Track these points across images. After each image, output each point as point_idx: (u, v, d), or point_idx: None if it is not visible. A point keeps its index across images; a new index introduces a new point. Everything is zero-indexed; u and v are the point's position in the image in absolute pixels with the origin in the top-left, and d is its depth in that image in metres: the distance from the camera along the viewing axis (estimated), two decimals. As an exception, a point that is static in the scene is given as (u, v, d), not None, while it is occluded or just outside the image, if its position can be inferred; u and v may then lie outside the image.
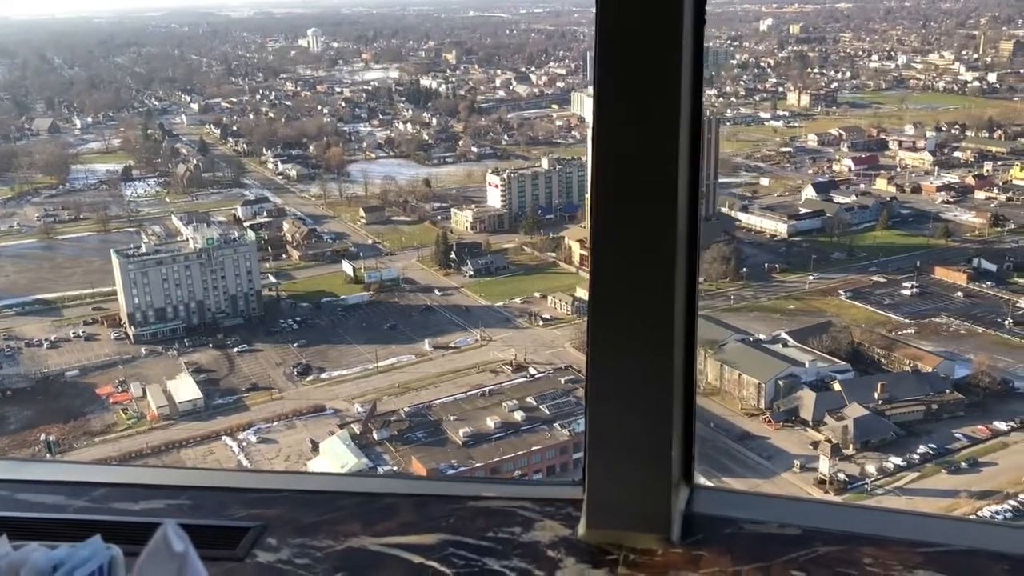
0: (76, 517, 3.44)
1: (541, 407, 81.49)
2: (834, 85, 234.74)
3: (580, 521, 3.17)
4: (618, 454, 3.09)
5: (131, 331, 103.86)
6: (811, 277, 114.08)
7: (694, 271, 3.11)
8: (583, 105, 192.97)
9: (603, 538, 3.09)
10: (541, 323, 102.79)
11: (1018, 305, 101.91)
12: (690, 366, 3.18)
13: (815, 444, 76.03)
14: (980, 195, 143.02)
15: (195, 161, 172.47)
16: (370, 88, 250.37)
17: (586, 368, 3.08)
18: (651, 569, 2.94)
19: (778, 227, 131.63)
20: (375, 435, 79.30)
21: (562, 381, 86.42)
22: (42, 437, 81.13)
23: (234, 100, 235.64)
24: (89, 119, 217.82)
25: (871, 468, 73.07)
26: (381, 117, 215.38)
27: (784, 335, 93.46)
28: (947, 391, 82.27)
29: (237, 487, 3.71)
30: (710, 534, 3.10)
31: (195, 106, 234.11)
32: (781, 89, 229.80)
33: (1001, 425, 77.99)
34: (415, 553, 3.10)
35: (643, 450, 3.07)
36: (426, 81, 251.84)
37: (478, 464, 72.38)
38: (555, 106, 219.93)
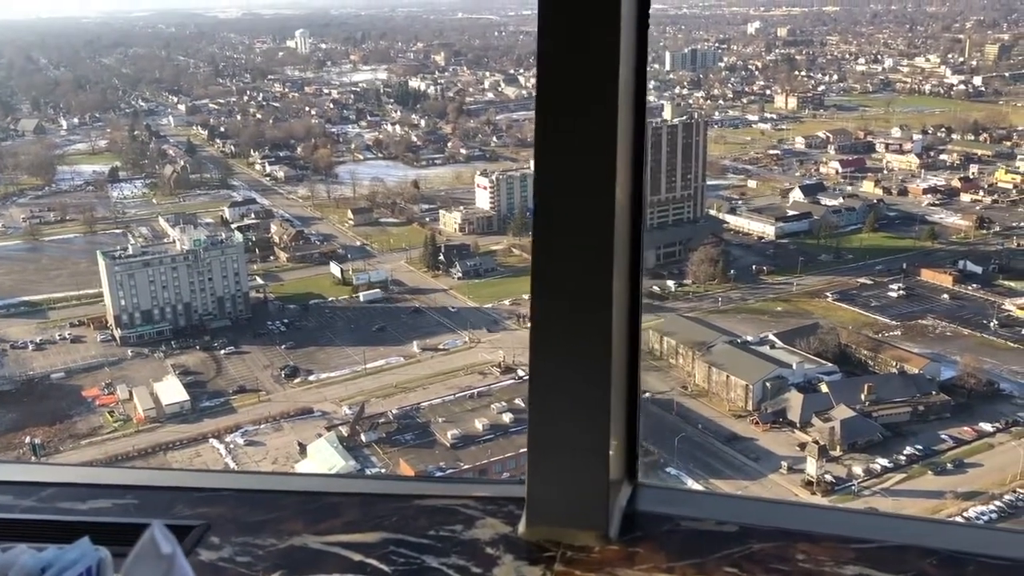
0: (23, 517, 3.43)
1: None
2: (821, 88, 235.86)
3: (521, 519, 3.22)
4: (557, 453, 3.16)
5: (117, 333, 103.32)
6: (769, 277, 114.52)
7: (637, 273, 3.17)
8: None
9: (543, 535, 3.13)
10: (530, 325, 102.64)
11: (1003, 307, 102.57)
12: (633, 365, 3.24)
13: (802, 445, 76.26)
14: (966, 197, 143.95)
15: (182, 162, 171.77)
16: (358, 90, 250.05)
17: (528, 368, 3.14)
18: (587, 566, 2.98)
19: (766, 229, 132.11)
20: (363, 437, 79.15)
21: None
22: (27, 440, 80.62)
23: (222, 101, 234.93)
24: (75, 120, 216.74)
25: (858, 469, 73.35)
26: (369, 119, 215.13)
27: (772, 337, 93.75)
28: (933, 392, 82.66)
29: (184, 486, 3.71)
30: (649, 531, 3.14)
31: (182, 107, 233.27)
32: (769, 92, 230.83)
33: (986, 426, 78.45)
34: (355, 551, 3.12)
35: (581, 448, 3.11)
36: (415, 83, 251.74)
37: (466, 466, 72.36)
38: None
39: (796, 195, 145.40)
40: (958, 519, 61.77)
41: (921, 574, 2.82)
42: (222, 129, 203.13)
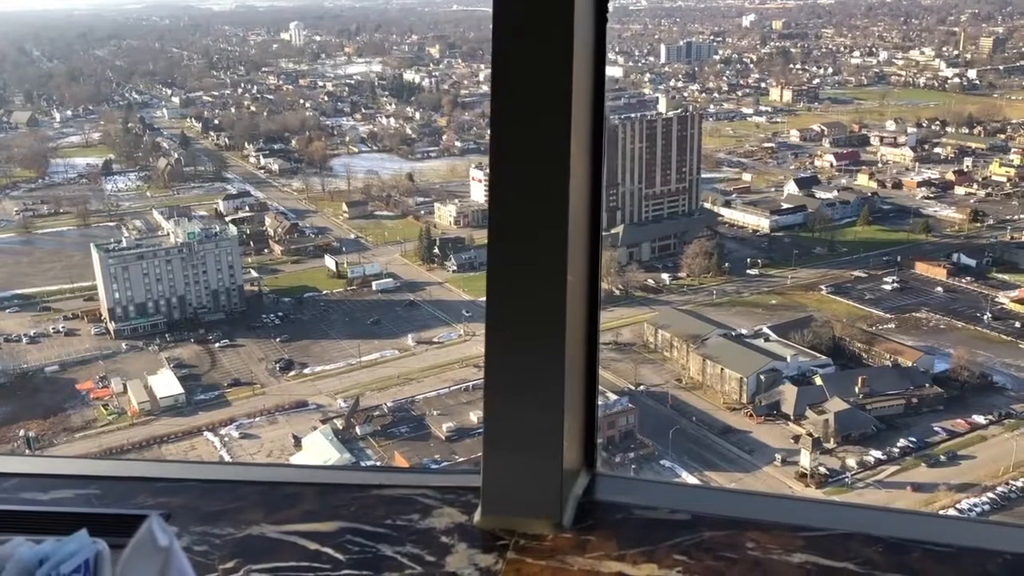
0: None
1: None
2: (816, 81, 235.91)
3: (477, 508, 3.26)
4: (512, 442, 3.20)
5: (112, 326, 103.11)
6: (763, 270, 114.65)
7: (596, 264, 3.22)
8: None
9: (498, 524, 3.17)
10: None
11: (997, 300, 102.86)
12: (592, 356, 3.29)
13: (796, 438, 76.52)
14: (960, 191, 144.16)
15: (176, 155, 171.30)
16: (353, 82, 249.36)
17: (484, 359, 3.18)
18: (538, 553, 3.03)
19: (760, 222, 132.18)
20: (358, 430, 79.16)
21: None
22: (21, 433, 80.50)
23: (216, 94, 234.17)
24: (69, 112, 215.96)
25: (852, 462, 73.61)
26: (364, 111, 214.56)
27: (766, 330, 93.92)
28: (927, 385, 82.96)
29: (147, 476, 3.75)
30: (602, 520, 3.19)
31: (176, 100, 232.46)
32: (764, 85, 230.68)
33: (980, 419, 78.78)
34: (312, 540, 3.16)
35: (535, 438, 3.16)
36: (409, 75, 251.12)
37: (461, 459, 72.44)
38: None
39: (791, 188, 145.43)
40: (904, 507, 61.97)
41: (867, 561, 2.87)
42: (216, 122, 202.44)
